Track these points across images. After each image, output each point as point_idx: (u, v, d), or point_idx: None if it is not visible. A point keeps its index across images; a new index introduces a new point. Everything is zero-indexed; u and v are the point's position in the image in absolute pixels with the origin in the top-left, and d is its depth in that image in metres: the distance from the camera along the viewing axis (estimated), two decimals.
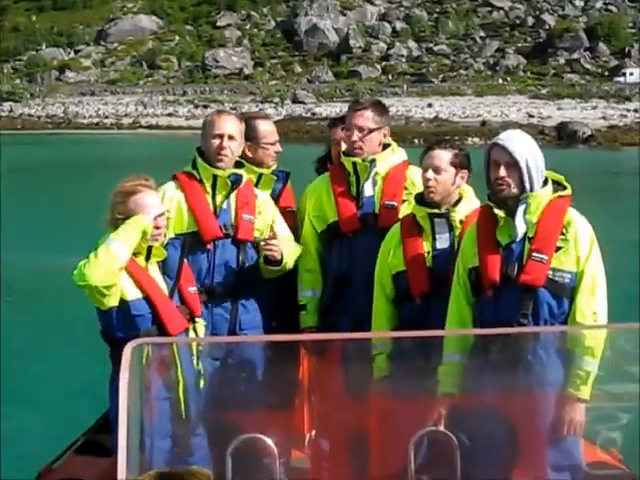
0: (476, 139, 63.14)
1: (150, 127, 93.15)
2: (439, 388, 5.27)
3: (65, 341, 13.60)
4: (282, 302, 6.37)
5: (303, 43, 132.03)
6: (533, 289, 5.09)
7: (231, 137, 6.00)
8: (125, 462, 3.13)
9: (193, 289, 5.61)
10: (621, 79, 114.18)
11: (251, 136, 6.30)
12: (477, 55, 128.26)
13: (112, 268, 5.14)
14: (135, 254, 5.37)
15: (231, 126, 6.02)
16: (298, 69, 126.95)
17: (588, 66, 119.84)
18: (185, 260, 5.67)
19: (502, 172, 5.10)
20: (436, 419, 5.09)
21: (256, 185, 6.43)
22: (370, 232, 6.05)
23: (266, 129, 6.51)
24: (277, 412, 5.59)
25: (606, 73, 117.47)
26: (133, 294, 5.32)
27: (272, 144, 6.49)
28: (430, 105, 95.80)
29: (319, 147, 6.93)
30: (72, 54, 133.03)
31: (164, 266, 5.52)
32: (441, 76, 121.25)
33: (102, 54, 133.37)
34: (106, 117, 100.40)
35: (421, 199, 5.78)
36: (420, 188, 5.88)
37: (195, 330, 5.58)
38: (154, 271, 5.47)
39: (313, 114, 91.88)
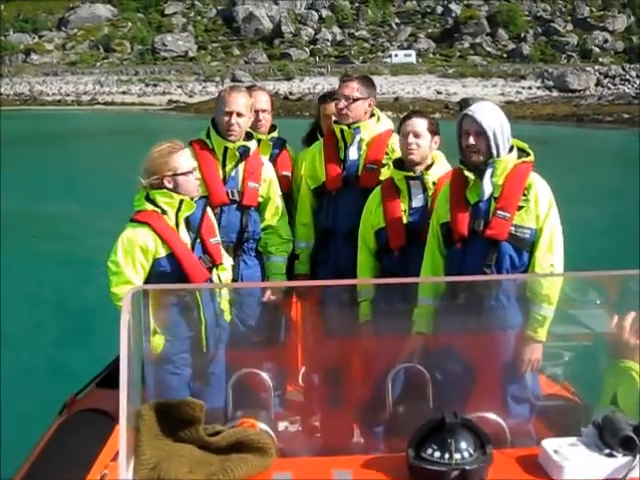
0: (389, 112, 63.41)
1: (106, 104, 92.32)
2: (413, 328, 5.25)
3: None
4: None
5: (241, 29, 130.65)
6: (497, 243, 5.10)
7: (239, 114, 5.92)
8: (126, 394, 3.12)
9: (214, 240, 5.51)
10: (388, 60, 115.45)
11: None
12: (393, 39, 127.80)
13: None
14: (165, 211, 5.30)
15: (240, 104, 5.94)
16: (236, 52, 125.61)
17: (489, 49, 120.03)
18: (208, 215, 5.57)
19: (471, 140, 5.11)
20: (411, 356, 5.09)
21: None
22: (352, 191, 6.08)
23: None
24: (273, 350, 5.58)
25: (505, 55, 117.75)
26: (161, 252, 5.25)
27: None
28: None
29: None
30: (36, 39, 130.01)
31: (188, 223, 5.40)
32: (361, 58, 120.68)
33: (63, 39, 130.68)
34: (67, 95, 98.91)
35: (399, 164, 5.78)
36: (398, 154, 5.88)
37: (219, 275, 5.50)
38: (182, 227, 5.38)
39: None
